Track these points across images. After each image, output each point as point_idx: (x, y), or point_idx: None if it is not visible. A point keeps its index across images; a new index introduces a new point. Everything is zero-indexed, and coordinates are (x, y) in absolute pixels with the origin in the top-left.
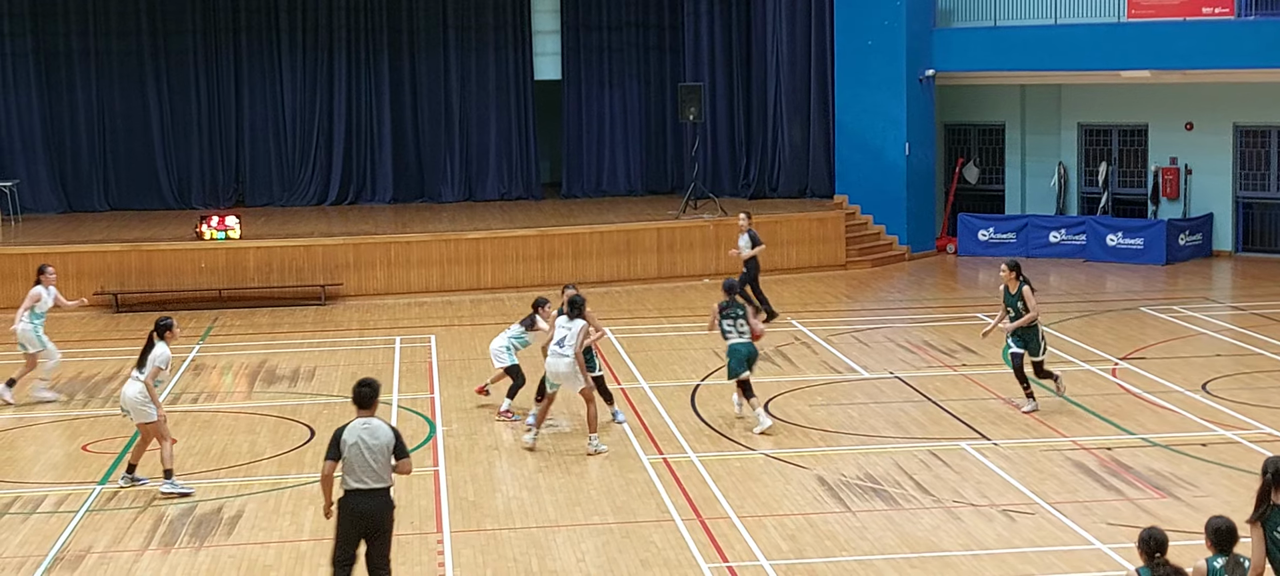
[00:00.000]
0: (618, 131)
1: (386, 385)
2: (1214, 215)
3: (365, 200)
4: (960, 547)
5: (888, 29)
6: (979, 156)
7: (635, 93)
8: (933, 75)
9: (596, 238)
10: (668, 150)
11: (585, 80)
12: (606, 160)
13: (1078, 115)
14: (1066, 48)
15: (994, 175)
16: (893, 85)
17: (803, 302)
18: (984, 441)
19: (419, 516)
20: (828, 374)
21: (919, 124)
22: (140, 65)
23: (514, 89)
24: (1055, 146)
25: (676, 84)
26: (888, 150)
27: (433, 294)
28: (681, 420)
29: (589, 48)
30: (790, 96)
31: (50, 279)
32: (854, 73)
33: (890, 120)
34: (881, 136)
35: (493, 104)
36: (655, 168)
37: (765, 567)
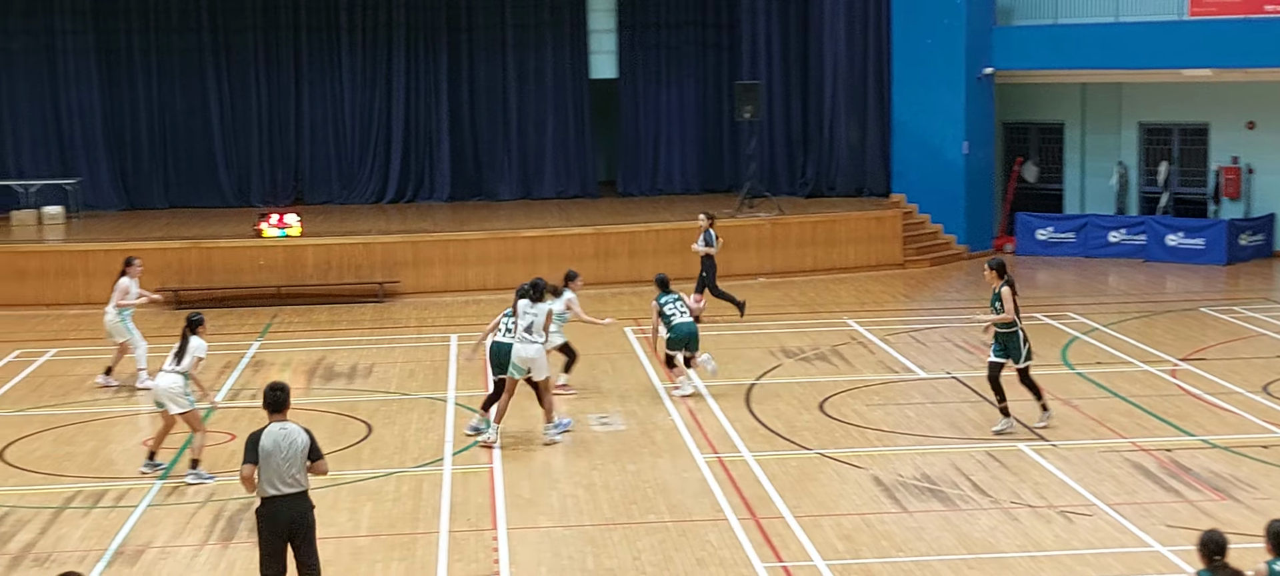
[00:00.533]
0: (674, 130)
1: (442, 382)
2: (1276, 215)
3: (423, 198)
4: (1018, 549)
5: (947, 27)
6: (1038, 155)
7: (692, 91)
8: (991, 73)
9: (652, 236)
10: (724, 148)
11: (642, 78)
12: (662, 158)
13: (1138, 114)
14: (1127, 46)
15: (1053, 174)
16: (951, 83)
17: (860, 302)
18: (1042, 442)
19: (475, 513)
20: (884, 373)
21: (978, 122)
22: (201, 63)
23: (571, 87)
24: (1115, 146)
25: (733, 82)
26: (946, 149)
27: (489, 292)
28: (736, 419)
29: (645, 46)
30: (848, 94)
31: (136, 271)
32: (912, 71)
33: (949, 118)
34: (940, 135)
35: (550, 102)
36: (711, 166)
37: (821, 567)
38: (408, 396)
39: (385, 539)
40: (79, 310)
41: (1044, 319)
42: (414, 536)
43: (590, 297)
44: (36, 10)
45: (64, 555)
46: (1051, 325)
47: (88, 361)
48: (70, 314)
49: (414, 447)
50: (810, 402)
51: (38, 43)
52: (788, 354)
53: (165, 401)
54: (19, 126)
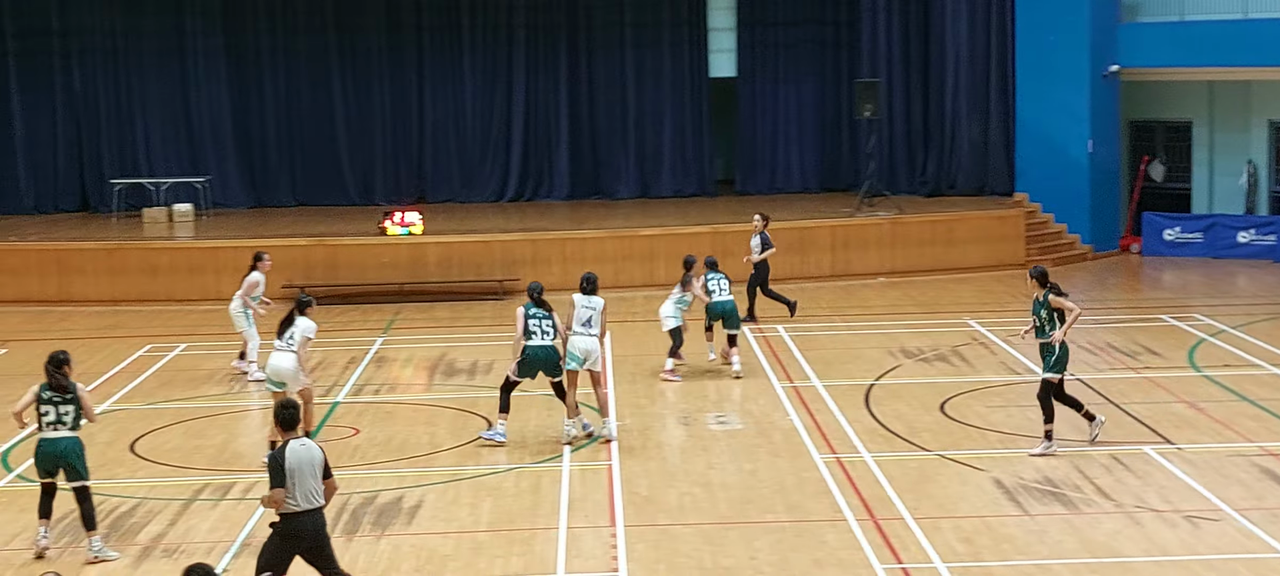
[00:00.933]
0: (793, 128)
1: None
2: None
3: (542, 196)
4: (1141, 553)
5: (1071, 23)
6: (1165, 154)
7: (811, 89)
8: (1117, 71)
9: (771, 235)
10: (843, 147)
11: (760, 77)
12: (781, 157)
13: (1268, 111)
14: (1256, 42)
15: (1180, 173)
16: (1076, 81)
17: (981, 302)
18: (1167, 445)
19: (593, 510)
20: (1006, 375)
21: (1103, 120)
22: (326, 63)
23: (689, 85)
24: (1244, 144)
25: (853, 80)
26: (1070, 147)
27: (607, 290)
28: (855, 420)
29: (765, 44)
30: (969, 92)
31: (265, 266)
32: (1036, 68)
33: (1073, 116)
34: (1064, 133)
35: (668, 101)
36: (830, 165)
37: (941, 570)
38: (526, 393)
39: (505, 534)
40: (209, 306)
41: (1170, 320)
42: (533, 532)
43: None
44: (167, 11)
45: (192, 547)
46: (1178, 327)
47: (217, 356)
48: (200, 309)
49: (533, 443)
50: (930, 404)
51: (169, 44)
52: (907, 354)
53: (285, 380)
54: (150, 126)
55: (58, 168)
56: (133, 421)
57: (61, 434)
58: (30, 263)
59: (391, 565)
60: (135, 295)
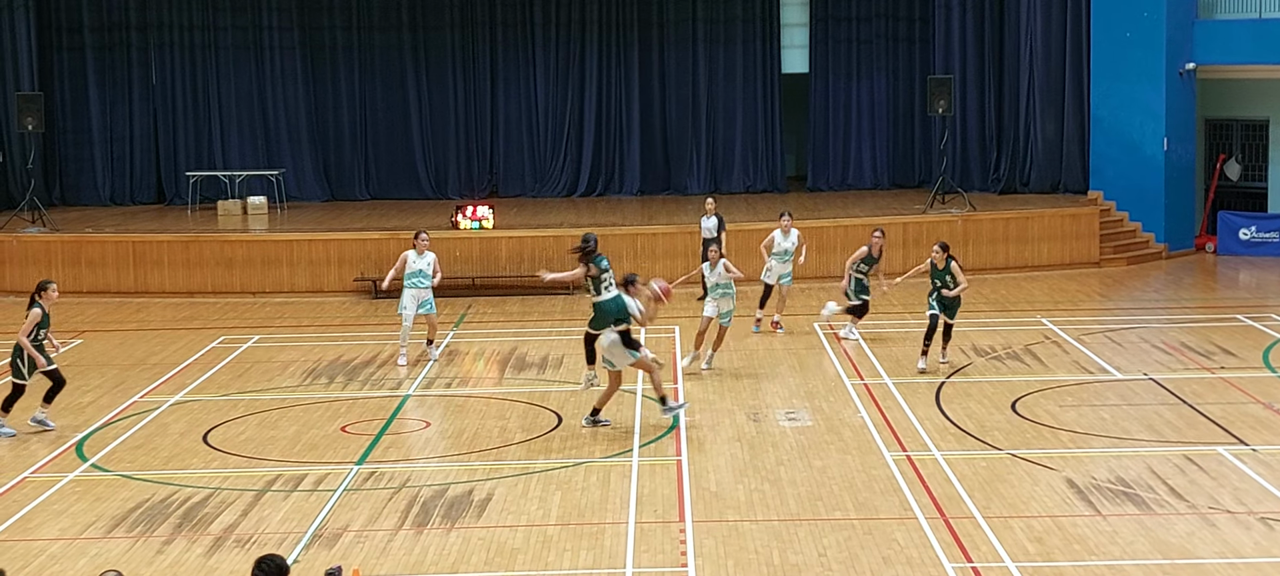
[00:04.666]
0: (864, 124)
1: (630, 374)
2: None
3: (613, 192)
4: (1216, 555)
5: (1147, 20)
6: (1241, 153)
7: (883, 85)
8: (1193, 68)
9: (841, 231)
10: (915, 143)
11: (832, 72)
12: (852, 153)
13: None
14: None
15: (1257, 172)
16: (1151, 78)
17: (1054, 301)
18: (1242, 446)
19: (662, 505)
20: (1079, 374)
21: (1178, 118)
22: (401, 59)
23: (761, 81)
24: None
25: (925, 76)
26: (1145, 145)
27: (677, 287)
28: (925, 417)
29: (837, 40)
30: (1044, 89)
31: (423, 245)
32: (1111, 65)
33: (1149, 114)
34: (1139, 131)
35: (739, 96)
36: (902, 161)
37: (1011, 569)
38: (597, 387)
39: (574, 528)
40: (283, 298)
41: (1245, 320)
42: (602, 526)
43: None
44: (245, 7)
45: (265, 537)
46: (1253, 326)
47: (290, 348)
48: (274, 301)
49: (603, 438)
50: (1002, 402)
51: (246, 38)
52: (979, 353)
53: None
54: (226, 120)
55: (134, 161)
56: (206, 413)
57: None
58: (108, 254)
59: (461, 558)
60: (211, 287)
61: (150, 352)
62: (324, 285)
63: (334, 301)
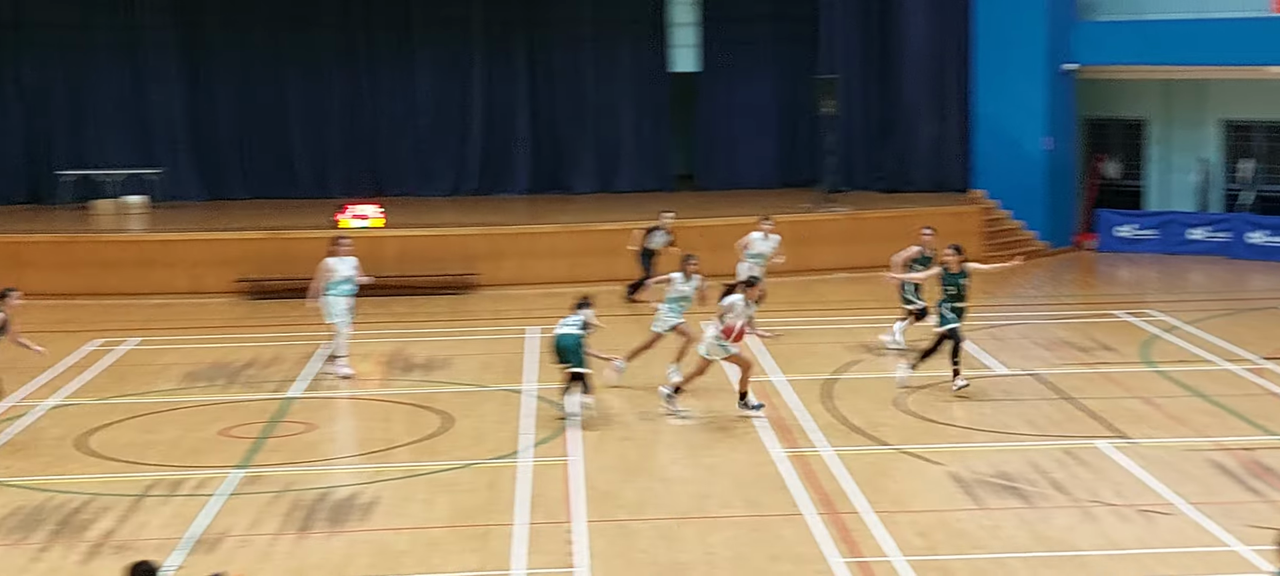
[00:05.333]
0: (752, 123)
1: (518, 375)
2: None
3: (500, 191)
4: (1095, 548)
5: (1028, 21)
6: (1120, 151)
7: (770, 85)
8: (1074, 68)
9: (730, 230)
10: (802, 143)
11: (721, 72)
12: (740, 152)
13: (1221, 111)
14: (1211, 42)
15: (1135, 171)
16: (1033, 78)
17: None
18: (1122, 440)
19: (551, 506)
20: (963, 370)
21: (1059, 118)
22: (280, 56)
23: (650, 80)
24: (1198, 142)
25: (812, 76)
26: (1027, 144)
27: (565, 285)
28: (816, 414)
29: (725, 40)
30: (928, 89)
31: (345, 249)
32: (993, 65)
33: (1030, 113)
34: (1021, 130)
35: (628, 95)
36: (789, 160)
37: (897, 564)
38: (484, 388)
39: (461, 530)
40: (161, 299)
41: (1125, 316)
42: (489, 527)
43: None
44: (120, 6)
45: (143, 543)
46: (1132, 322)
47: (170, 350)
48: (152, 303)
49: (491, 439)
50: (889, 398)
51: (122, 37)
52: (867, 349)
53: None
54: (102, 118)
55: (6, 160)
56: (84, 417)
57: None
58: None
59: (346, 562)
60: (87, 288)
61: (24, 355)
62: (204, 286)
63: (215, 303)
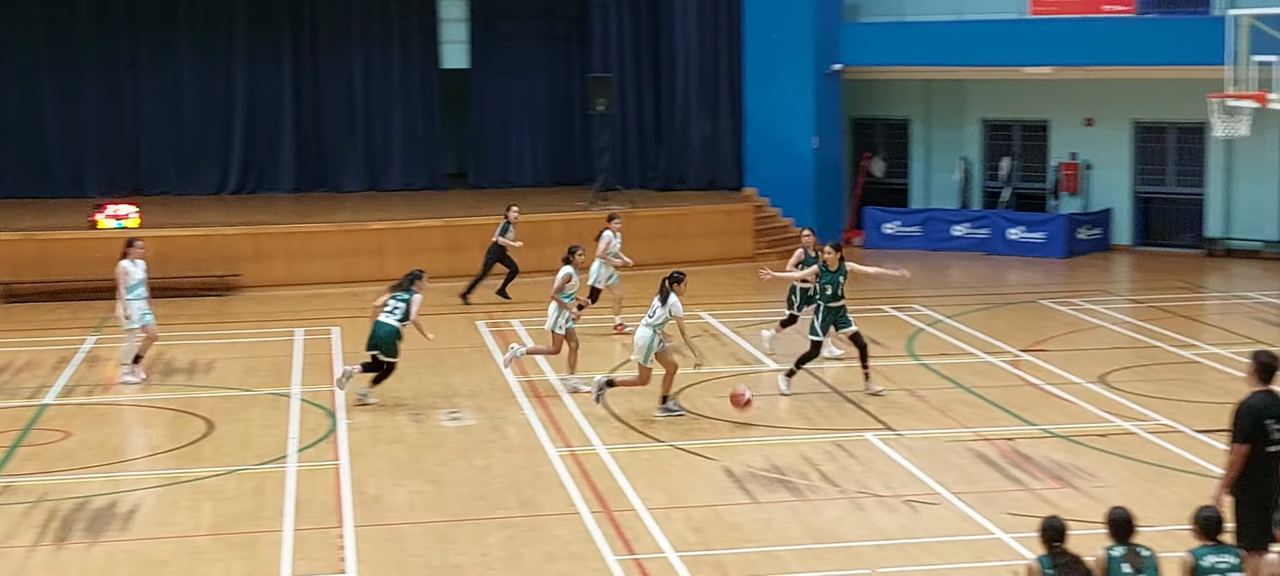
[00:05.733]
0: (525, 121)
1: (286, 378)
2: (1113, 210)
3: (265, 189)
4: (864, 538)
5: (795, 22)
6: (885, 150)
7: (543, 83)
8: (840, 69)
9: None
10: (576, 141)
11: (492, 69)
12: (513, 150)
13: (981, 110)
14: (970, 43)
15: (899, 169)
16: (800, 79)
17: (712, 295)
18: (889, 432)
19: (319, 511)
20: (736, 366)
21: (826, 117)
22: (34, 52)
23: (419, 78)
24: (959, 141)
25: (585, 75)
26: (796, 143)
27: (335, 285)
28: (589, 412)
29: (496, 37)
30: (699, 89)
31: (137, 252)
32: (762, 66)
33: (798, 113)
34: (789, 130)
35: (397, 93)
36: (563, 159)
37: (672, 559)
38: (250, 392)
39: (227, 538)
40: None
41: (890, 310)
42: (256, 534)
43: (441, 291)
44: None
45: None
46: (897, 317)
47: None
48: None
49: (257, 444)
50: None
51: None
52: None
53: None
54: None
55: None
56: None
57: None
58: None
59: (105, 572)
60: None
61: None
62: None
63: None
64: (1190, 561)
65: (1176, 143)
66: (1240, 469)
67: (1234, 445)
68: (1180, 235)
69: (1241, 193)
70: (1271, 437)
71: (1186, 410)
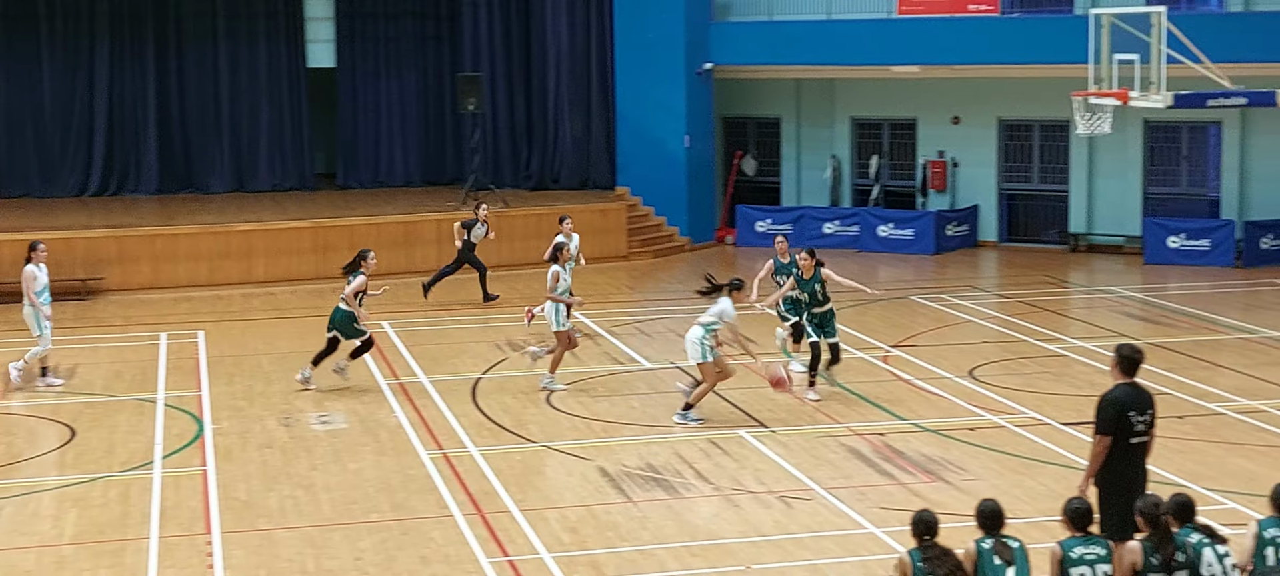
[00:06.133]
0: (395, 121)
1: (151, 383)
2: (979, 206)
3: (129, 191)
4: (739, 535)
5: (666, 21)
6: (756, 149)
7: (413, 82)
8: (710, 68)
9: (374, 229)
10: (447, 141)
11: (361, 69)
12: (384, 150)
13: (850, 109)
14: (839, 43)
15: (771, 167)
16: (672, 78)
17: (585, 294)
18: (762, 429)
19: (187, 518)
20: (610, 365)
21: (698, 117)
22: None
23: (286, 77)
24: (829, 140)
25: (455, 73)
26: (668, 142)
27: (201, 288)
28: (462, 414)
29: (364, 36)
30: (571, 88)
31: (41, 256)
32: (634, 65)
33: (670, 112)
34: (661, 129)
35: (264, 92)
36: (434, 158)
37: (547, 560)
38: (114, 398)
39: (92, 546)
40: None
41: (762, 309)
42: (123, 543)
43: (309, 293)
44: None
45: None
46: (769, 314)
47: None
48: None
49: (122, 451)
50: (537, 396)
51: None
52: (514, 347)
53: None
54: None
55: None
56: None
57: None
58: None
59: None
60: None
61: None
62: None
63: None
64: (1058, 552)
65: (1041, 140)
66: (1103, 460)
67: (1097, 437)
68: (1045, 231)
69: (1103, 189)
70: (1135, 429)
71: (1052, 403)
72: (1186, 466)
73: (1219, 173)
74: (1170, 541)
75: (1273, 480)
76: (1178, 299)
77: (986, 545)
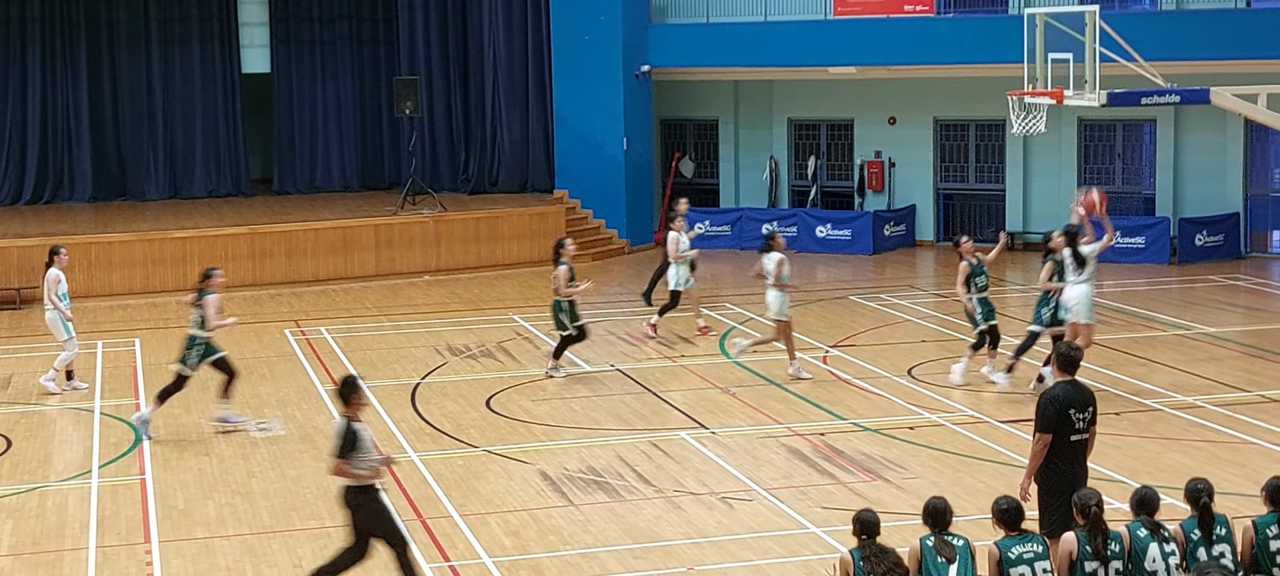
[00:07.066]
0: (331, 126)
1: (88, 392)
2: (916, 206)
3: (62, 199)
4: (681, 536)
5: (604, 23)
6: (694, 151)
7: (349, 86)
8: (648, 70)
9: (311, 235)
10: (384, 145)
11: (297, 73)
12: (320, 155)
13: (788, 110)
14: (776, 44)
15: (709, 169)
16: (610, 80)
17: (525, 298)
18: (703, 430)
19: (126, 527)
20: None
21: (636, 119)
22: None
23: (221, 82)
24: (767, 141)
25: (392, 77)
26: (606, 145)
27: (137, 296)
28: (402, 420)
29: (300, 40)
30: (509, 91)
31: (62, 261)
32: (571, 67)
33: (608, 115)
34: (600, 131)
35: (198, 97)
36: (371, 163)
37: (489, 565)
38: (50, 407)
39: (29, 558)
40: None
41: (702, 309)
42: (61, 553)
43: (246, 299)
44: None
45: None
46: (709, 315)
47: None
48: None
49: (58, 461)
50: (476, 400)
51: None
52: (453, 352)
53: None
54: None
55: None
56: None
57: None
58: None
59: None
60: None
61: None
62: None
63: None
64: (996, 553)
65: (977, 140)
66: (1043, 458)
67: (1038, 435)
68: (981, 230)
69: (1038, 188)
70: (1075, 427)
71: (991, 401)
72: (1123, 463)
73: (1154, 170)
74: (1103, 532)
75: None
76: (1114, 296)
77: (929, 543)
